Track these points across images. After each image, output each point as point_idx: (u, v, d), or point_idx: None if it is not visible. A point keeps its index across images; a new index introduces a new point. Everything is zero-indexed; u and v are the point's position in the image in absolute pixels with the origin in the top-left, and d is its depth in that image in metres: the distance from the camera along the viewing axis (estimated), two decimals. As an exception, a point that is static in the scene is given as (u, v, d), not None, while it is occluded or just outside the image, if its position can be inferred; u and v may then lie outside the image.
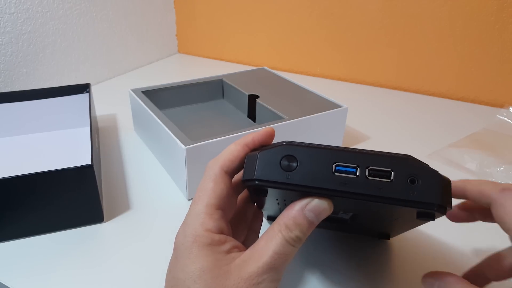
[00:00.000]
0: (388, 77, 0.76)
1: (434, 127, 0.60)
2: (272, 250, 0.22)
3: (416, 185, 0.22)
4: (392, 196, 0.22)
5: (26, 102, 0.53)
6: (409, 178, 0.22)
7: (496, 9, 0.63)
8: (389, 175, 0.22)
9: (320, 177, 0.23)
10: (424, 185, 0.22)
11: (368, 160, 0.23)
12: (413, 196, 0.22)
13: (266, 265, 0.22)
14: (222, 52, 0.93)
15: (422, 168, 0.22)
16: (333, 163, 0.23)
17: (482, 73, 0.68)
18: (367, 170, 0.22)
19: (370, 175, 0.22)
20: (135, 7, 0.81)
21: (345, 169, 0.23)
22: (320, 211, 0.22)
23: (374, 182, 0.22)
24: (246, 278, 0.22)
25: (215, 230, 0.24)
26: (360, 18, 0.74)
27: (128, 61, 0.83)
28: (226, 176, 0.25)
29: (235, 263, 0.22)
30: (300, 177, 0.23)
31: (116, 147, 0.53)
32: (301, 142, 0.24)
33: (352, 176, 0.22)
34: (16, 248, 0.36)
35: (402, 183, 0.22)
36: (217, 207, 0.24)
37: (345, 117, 0.50)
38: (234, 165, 0.26)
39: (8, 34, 0.59)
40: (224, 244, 0.23)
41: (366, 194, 0.22)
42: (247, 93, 0.54)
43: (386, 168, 0.22)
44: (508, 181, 0.45)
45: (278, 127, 0.44)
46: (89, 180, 0.36)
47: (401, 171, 0.22)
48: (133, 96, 0.53)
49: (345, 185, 0.22)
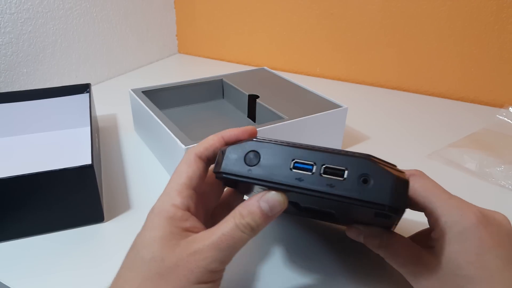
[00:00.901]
0: (388, 77, 0.76)
1: (434, 127, 0.60)
2: (221, 231, 0.23)
3: (368, 185, 0.22)
4: (343, 194, 0.22)
5: (26, 102, 0.53)
6: (362, 178, 0.22)
7: (496, 9, 0.63)
8: (342, 174, 0.23)
9: (278, 172, 0.24)
10: (376, 185, 0.22)
11: (325, 158, 0.23)
12: (364, 195, 0.22)
13: (211, 244, 0.23)
14: (222, 52, 0.93)
15: (376, 168, 0.22)
16: (292, 160, 0.24)
17: (481, 73, 0.68)
18: (322, 167, 0.23)
19: (325, 173, 0.23)
20: (135, 7, 0.81)
21: (302, 165, 0.24)
22: (274, 203, 0.24)
23: (327, 180, 0.23)
24: (190, 253, 0.23)
25: (181, 206, 0.25)
26: (360, 18, 0.74)
27: (128, 61, 0.84)
28: (200, 160, 0.27)
29: (186, 240, 0.24)
30: (260, 171, 0.24)
31: (116, 147, 0.53)
32: (267, 139, 0.26)
33: (307, 173, 0.23)
34: (16, 248, 0.36)
35: (354, 182, 0.22)
36: (187, 186, 0.26)
37: (345, 117, 0.50)
38: (207, 152, 0.27)
39: (8, 34, 0.59)
40: (185, 221, 0.25)
41: (318, 191, 0.23)
42: (247, 93, 0.54)
43: (341, 166, 0.23)
44: (508, 181, 0.45)
45: (278, 127, 0.44)
46: (90, 180, 0.36)
47: (355, 171, 0.23)
48: (133, 96, 0.53)
49: (301, 181, 0.23)
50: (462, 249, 0.24)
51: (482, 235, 0.24)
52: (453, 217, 0.25)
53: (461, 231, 0.24)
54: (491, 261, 0.24)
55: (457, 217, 0.25)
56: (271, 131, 0.44)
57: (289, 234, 0.38)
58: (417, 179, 0.27)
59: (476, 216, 0.24)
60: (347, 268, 0.34)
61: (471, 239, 0.24)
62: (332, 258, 0.35)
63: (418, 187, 0.27)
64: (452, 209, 0.25)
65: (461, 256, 0.24)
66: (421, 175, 0.28)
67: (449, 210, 0.25)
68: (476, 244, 0.24)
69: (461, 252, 0.24)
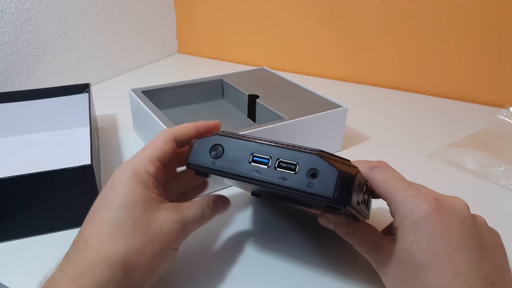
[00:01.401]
0: (388, 77, 0.76)
1: (434, 127, 0.60)
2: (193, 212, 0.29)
3: (315, 179, 0.24)
4: (293, 186, 0.25)
5: (26, 102, 0.53)
6: (310, 172, 0.25)
7: (496, 9, 0.63)
8: (294, 168, 0.25)
9: (238, 165, 0.26)
10: (322, 179, 0.24)
11: (280, 153, 0.26)
12: (311, 188, 0.24)
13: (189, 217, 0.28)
14: (222, 52, 0.93)
15: (323, 163, 0.24)
16: (251, 154, 0.26)
17: (482, 73, 0.68)
18: (277, 161, 0.26)
19: (278, 166, 0.26)
20: (135, 7, 0.81)
21: (260, 159, 0.26)
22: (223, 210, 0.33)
23: (280, 173, 0.25)
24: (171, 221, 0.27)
25: (152, 175, 0.28)
26: (360, 18, 0.74)
27: (128, 61, 0.83)
28: (174, 142, 0.30)
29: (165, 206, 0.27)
30: (222, 164, 0.27)
31: (116, 147, 0.53)
32: (231, 133, 0.28)
33: (264, 166, 0.26)
34: (16, 248, 0.35)
35: (304, 176, 0.25)
36: (159, 159, 0.29)
37: (345, 117, 0.50)
38: (182, 137, 0.30)
39: (8, 34, 0.59)
40: (156, 189, 0.28)
41: (271, 183, 0.25)
42: (247, 93, 0.54)
43: (293, 161, 0.25)
44: (509, 181, 0.45)
45: (278, 127, 0.44)
46: (89, 180, 0.36)
47: (305, 165, 0.25)
48: (133, 96, 0.53)
49: (258, 173, 0.26)
50: (416, 239, 0.25)
51: (434, 223, 0.25)
52: (408, 207, 0.26)
53: (416, 221, 0.25)
54: (442, 249, 0.24)
55: (412, 207, 0.25)
56: (271, 131, 0.44)
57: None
58: (378, 171, 0.28)
59: (430, 204, 0.25)
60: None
61: (424, 228, 0.25)
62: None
63: (379, 179, 0.27)
64: (408, 199, 0.26)
65: (414, 245, 0.25)
66: (383, 166, 0.28)
67: (405, 201, 0.26)
68: (428, 233, 0.24)
69: (415, 242, 0.25)
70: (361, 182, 0.27)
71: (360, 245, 0.29)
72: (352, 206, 0.25)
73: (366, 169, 0.28)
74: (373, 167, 0.28)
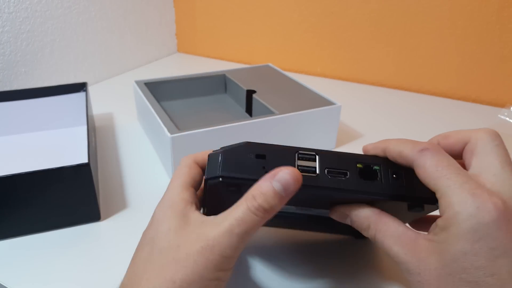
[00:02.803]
0: (389, 76, 0.76)
1: (435, 127, 0.60)
2: (233, 217, 0.23)
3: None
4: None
5: (23, 101, 0.53)
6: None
7: (497, 8, 0.62)
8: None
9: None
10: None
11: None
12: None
13: (224, 230, 0.23)
14: (222, 51, 0.92)
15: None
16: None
17: (483, 73, 0.67)
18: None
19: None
20: (134, 6, 0.81)
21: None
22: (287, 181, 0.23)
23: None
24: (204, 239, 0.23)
25: (189, 200, 0.26)
26: (361, 17, 0.74)
27: (127, 60, 0.83)
28: (197, 165, 0.29)
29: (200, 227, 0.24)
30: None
31: (113, 146, 0.53)
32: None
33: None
34: (12, 247, 0.35)
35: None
36: (190, 184, 0.27)
37: (338, 115, 0.50)
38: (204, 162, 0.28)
39: (6, 33, 0.59)
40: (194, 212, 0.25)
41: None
42: (246, 88, 0.55)
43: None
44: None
45: (269, 121, 0.45)
46: (86, 178, 0.36)
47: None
48: (136, 88, 0.54)
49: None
50: (472, 251, 0.20)
51: (499, 235, 0.20)
52: (467, 209, 0.20)
53: (475, 228, 0.20)
54: (505, 268, 0.20)
55: (471, 209, 0.20)
56: (262, 125, 0.45)
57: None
58: (429, 155, 0.22)
59: (496, 209, 0.20)
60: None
61: (485, 240, 0.20)
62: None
63: (431, 165, 0.22)
64: (467, 198, 0.20)
65: (469, 258, 0.20)
66: (435, 149, 0.23)
67: (463, 199, 0.20)
68: (490, 246, 0.20)
69: (470, 254, 0.20)
70: None
71: (390, 244, 0.24)
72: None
73: (414, 151, 0.23)
74: (424, 149, 0.23)
